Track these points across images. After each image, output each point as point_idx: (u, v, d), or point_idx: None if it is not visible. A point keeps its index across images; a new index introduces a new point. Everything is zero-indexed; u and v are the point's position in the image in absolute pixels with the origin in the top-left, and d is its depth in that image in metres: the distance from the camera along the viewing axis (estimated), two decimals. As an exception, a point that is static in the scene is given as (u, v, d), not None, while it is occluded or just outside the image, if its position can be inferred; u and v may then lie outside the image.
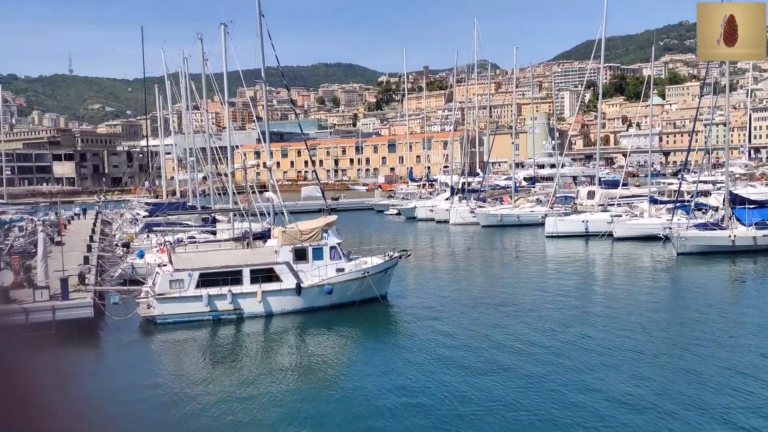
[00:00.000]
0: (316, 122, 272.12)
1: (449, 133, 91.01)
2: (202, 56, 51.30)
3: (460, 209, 67.12)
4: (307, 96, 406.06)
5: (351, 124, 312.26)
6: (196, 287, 27.36)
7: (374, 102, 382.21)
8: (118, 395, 18.79)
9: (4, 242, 40.56)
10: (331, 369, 21.67)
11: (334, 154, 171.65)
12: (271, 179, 40.76)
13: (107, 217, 70.51)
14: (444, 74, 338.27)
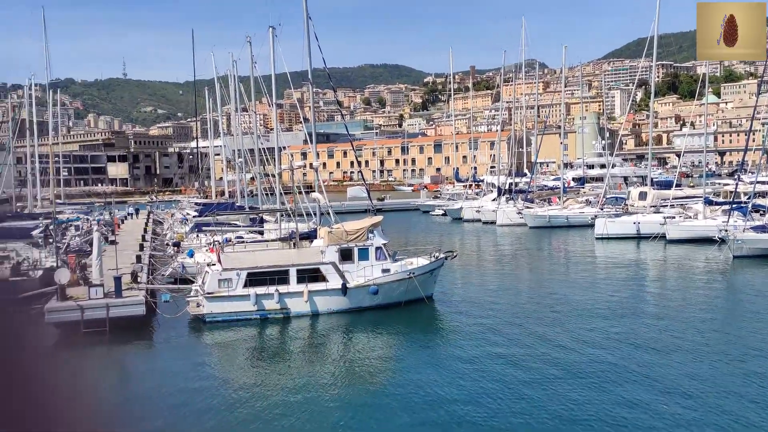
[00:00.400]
0: (362, 123, 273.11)
1: (496, 133, 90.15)
2: (251, 59, 52.08)
3: (507, 210, 66.35)
4: (354, 97, 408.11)
5: (397, 125, 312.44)
6: (244, 286, 27.71)
7: (420, 102, 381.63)
8: (168, 393, 19.16)
9: (61, 241, 41.92)
10: (377, 369, 21.63)
11: (379, 154, 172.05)
12: (318, 180, 41.06)
13: (158, 217, 72.28)
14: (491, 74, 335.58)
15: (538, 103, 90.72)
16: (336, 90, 54.83)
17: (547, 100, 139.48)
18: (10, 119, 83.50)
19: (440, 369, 20.69)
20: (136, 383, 20.70)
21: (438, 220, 77.05)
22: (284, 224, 41.07)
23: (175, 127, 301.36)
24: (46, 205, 69.61)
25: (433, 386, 19.07)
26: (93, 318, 25.34)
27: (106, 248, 32.93)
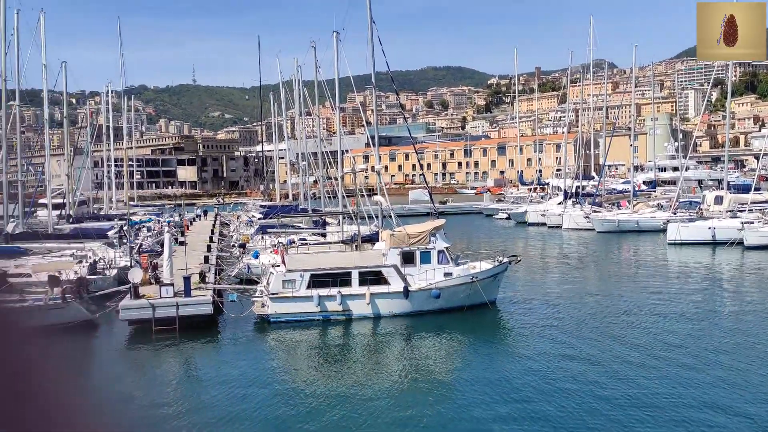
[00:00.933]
0: (424, 126, 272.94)
1: (562, 135, 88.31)
2: (315, 64, 52.84)
3: (573, 214, 64.84)
4: (416, 100, 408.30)
5: (459, 127, 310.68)
6: (307, 288, 28.00)
7: (483, 105, 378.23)
8: (233, 390, 19.52)
9: (134, 241, 43.49)
10: (439, 372, 21.46)
11: (442, 157, 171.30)
12: (380, 183, 41.14)
13: (225, 219, 74.06)
14: (557, 75, 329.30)
15: (607, 104, 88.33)
16: (398, 93, 54.79)
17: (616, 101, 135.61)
18: (88, 124, 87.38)
19: (504, 374, 20.33)
20: (204, 381, 21.17)
21: (501, 224, 76.03)
22: (346, 227, 41.36)
23: (242, 132, 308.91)
24: (120, 206, 72.47)
25: (496, 391, 18.75)
26: (164, 316, 26.16)
27: (176, 249, 33.94)
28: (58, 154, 76.75)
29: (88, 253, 37.15)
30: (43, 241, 38.07)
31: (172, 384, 21.27)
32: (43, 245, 37.27)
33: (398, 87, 53.57)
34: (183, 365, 23.39)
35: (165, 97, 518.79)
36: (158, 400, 19.08)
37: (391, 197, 41.18)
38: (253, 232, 49.26)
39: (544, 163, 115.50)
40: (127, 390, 20.15)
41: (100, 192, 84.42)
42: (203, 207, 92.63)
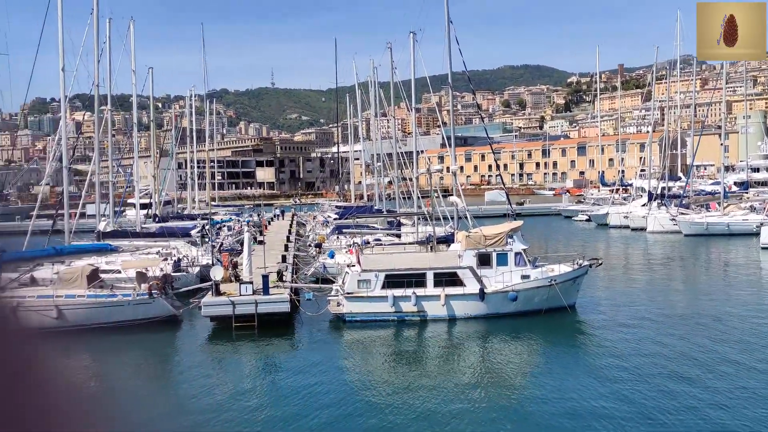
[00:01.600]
0: (500, 126, 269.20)
1: (647, 134, 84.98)
2: (391, 64, 52.91)
3: (658, 216, 62.22)
4: (492, 99, 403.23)
5: (537, 127, 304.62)
6: (382, 288, 28.04)
7: (563, 104, 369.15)
8: (309, 387, 19.74)
9: (215, 240, 44.90)
10: (514, 376, 20.99)
11: (519, 157, 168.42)
12: (456, 183, 40.76)
13: (302, 219, 75.44)
14: (641, 72, 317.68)
15: (695, 102, 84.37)
16: (475, 93, 54.23)
17: (704, 98, 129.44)
18: (173, 128, 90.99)
19: (583, 380, 19.66)
20: (281, 376, 21.53)
21: (581, 226, 73.93)
22: (421, 227, 41.23)
23: (318, 133, 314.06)
24: (202, 206, 75.05)
25: (574, 397, 18.15)
26: (243, 313, 26.83)
27: (255, 248, 34.77)
28: (145, 156, 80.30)
29: (172, 251, 38.63)
30: (131, 239, 39.81)
31: (250, 378, 21.75)
32: (132, 243, 38.96)
33: (475, 86, 53.01)
34: (261, 361, 23.87)
35: (245, 100, 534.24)
36: (237, 393, 19.54)
37: (466, 198, 40.74)
38: (329, 232, 49.87)
39: (627, 164, 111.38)
40: (209, 382, 20.75)
41: (184, 192, 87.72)
42: (281, 207, 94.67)
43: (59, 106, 50.19)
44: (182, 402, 19.01)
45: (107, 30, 44.89)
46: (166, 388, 21.17)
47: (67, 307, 27.41)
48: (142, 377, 22.58)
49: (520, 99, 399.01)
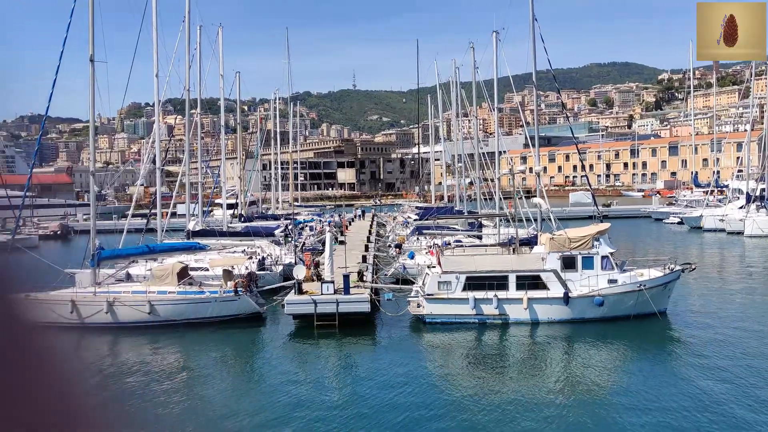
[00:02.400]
0: (586, 125, 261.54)
1: (744, 133, 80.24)
2: (473, 64, 52.50)
3: (758, 219, 58.66)
4: (578, 98, 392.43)
5: (625, 126, 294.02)
6: (463, 290, 27.73)
7: (653, 102, 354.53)
8: (389, 387, 19.74)
9: (298, 240, 45.82)
10: (600, 384, 20.21)
11: (605, 157, 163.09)
12: (539, 184, 39.84)
13: (382, 220, 75.87)
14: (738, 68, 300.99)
15: (798, 97, 78.90)
16: (560, 91, 52.84)
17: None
18: (258, 130, 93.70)
19: (673, 390, 18.70)
20: (361, 375, 21.63)
21: (673, 229, 70.68)
22: (503, 229, 40.58)
23: (398, 134, 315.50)
24: (285, 207, 76.86)
25: (662, 408, 17.28)
26: (325, 312, 27.20)
27: (336, 248, 35.19)
28: (232, 158, 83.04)
29: (257, 249, 39.69)
30: (218, 238, 41.24)
31: (331, 376, 21.98)
32: (219, 242, 40.34)
33: (560, 85, 51.68)
34: (342, 359, 24.09)
35: (327, 102, 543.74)
36: (318, 389, 19.78)
37: (550, 199, 39.79)
38: (409, 233, 49.90)
39: (723, 164, 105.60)
40: (291, 378, 21.12)
41: (268, 193, 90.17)
42: (361, 208, 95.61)
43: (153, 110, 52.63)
44: (264, 396, 19.42)
45: (198, 37, 46.76)
46: (249, 382, 21.69)
47: (159, 302, 28.63)
48: (227, 371, 23.26)
49: (608, 97, 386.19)
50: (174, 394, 20.27)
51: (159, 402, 19.42)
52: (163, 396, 20.04)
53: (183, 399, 19.76)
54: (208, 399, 19.53)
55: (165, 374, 22.76)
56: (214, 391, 20.39)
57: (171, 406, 19.00)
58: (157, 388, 20.88)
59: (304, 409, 18.12)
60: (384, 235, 60.66)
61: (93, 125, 33.45)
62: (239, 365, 24.53)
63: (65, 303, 28.71)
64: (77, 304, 28.73)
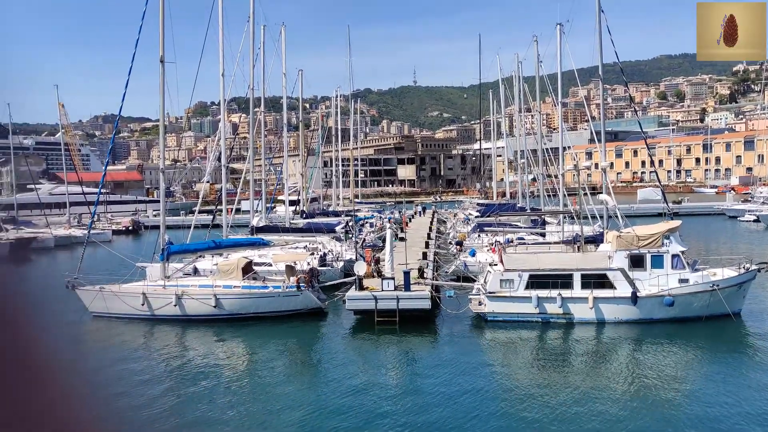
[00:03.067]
0: (655, 119, 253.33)
1: (826, 125, 76.01)
2: (536, 58, 51.49)
3: (841, 217, 55.45)
4: (647, 91, 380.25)
5: (698, 120, 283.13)
6: (526, 288, 27.28)
7: (727, 94, 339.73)
8: (450, 385, 19.61)
9: (358, 236, 46.10)
10: (669, 387, 19.45)
11: (676, 153, 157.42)
12: (605, 180, 38.78)
13: (442, 217, 75.51)
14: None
15: None
16: (628, 85, 51.20)
17: None
18: (319, 127, 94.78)
19: (748, 395, 17.83)
20: (421, 372, 21.57)
21: (749, 228, 67.58)
22: (567, 226, 39.71)
23: (459, 130, 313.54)
24: (346, 203, 77.50)
25: (736, 414, 16.49)
26: (385, 308, 27.26)
27: (396, 244, 35.19)
28: (294, 155, 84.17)
29: (318, 245, 40.15)
30: (281, 234, 41.90)
31: (391, 371, 21.99)
32: (281, 238, 41.00)
33: (627, 78, 50.10)
34: (402, 355, 24.07)
35: (387, 99, 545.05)
36: (378, 383, 19.81)
37: (617, 196, 38.68)
38: (470, 230, 49.46)
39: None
40: (351, 371, 21.25)
41: (329, 190, 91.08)
42: (421, 204, 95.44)
43: (218, 109, 53.94)
44: (325, 389, 19.60)
45: (261, 36, 47.54)
46: (310, 376, 21.94)
47: (224, 296, 29.33)
48: (289, 364, 23.61)
49: (678, 90, 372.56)
50: (237, 386, 20.72)
51: (222, 392, 19.89)
52: (227, 387, 20.51)
53: (246, 391, 20.16)
54: (271, 391, 19.85)
55: (229, 366, 23.30)
56: (276, 383, 20.72)
57: (234, 397, 19.42)
58: (222, 379, 21.38)
59: (364, 404, 18.18)
60: (444, 232, 60.37)
61: (163, 124, 34.55)
62: (301, 359, 24.85)
63: (137, 295, 29.80)
64: (148, 296, 29.76)
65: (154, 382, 21.24)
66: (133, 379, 21.31)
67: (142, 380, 21.24)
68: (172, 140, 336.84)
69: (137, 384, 20.73)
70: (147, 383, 20.93)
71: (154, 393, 19.93)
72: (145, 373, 22.34)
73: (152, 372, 22.57)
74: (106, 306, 30.26)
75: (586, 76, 43.22)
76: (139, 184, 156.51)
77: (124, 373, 22.08)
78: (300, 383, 20.89)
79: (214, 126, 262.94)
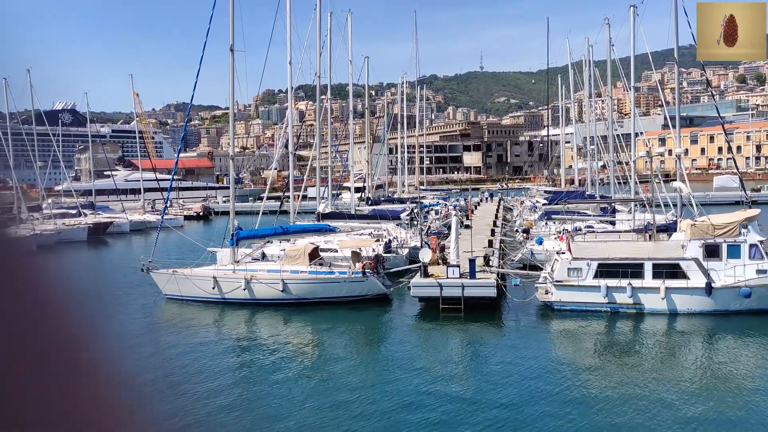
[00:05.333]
0: (734, 104, 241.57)
1: None
2: (608, 41, 50.04)
3: None
4: (725, 75, 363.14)
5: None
6: (594, 277, 26.74)
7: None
8: (517, 374, 19.50)
9: (424, 223, 46.13)
10: (747, 383, 18.73)
11: (755, 138, 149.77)
12: (680, 167, 37.37)
13: (509, 204, 74.58)
14: None
15: None
16: (704, 68, 48.90)
17: None
18: (385, 114, 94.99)
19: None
20: (487, 362, 21.52)
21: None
22: (638, 215, 38.59)
23: (526, 116, 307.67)
24: (411, 190, 77.56)
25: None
26: (450, 295, 27.26)
27: (462, 232, 35.05)
28: (360, 142, 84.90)
29: (383, 232, 40.42)
30: (347, 221, 42.39)
31: (456, 358, 22.03)
32: (347, 224, 41.48)
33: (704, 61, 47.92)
34: (467, 343, 24.04)
35: (453, 85, 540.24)
36: (443, 371, 19.90)
37: (691, 183, 37.25)
38: (537, 217, 48.72)
39: None
40: (418, 359, 21.42)
41: (394, 177, 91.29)
42: (488, 191, 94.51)
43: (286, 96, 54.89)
44: (390, 376, 19.83)
45: (328, 24, 48.01)
46: (376, 362, 22.21)
47: (292, 281, 30.00)
48: (355, 349, 23.97)
49: (759, 73, 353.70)
50: (303, 369, 21.21)
51: (290, 377, 20.41)
52: (295, 372, 21.03)
53: (311, 374, 20.62)
54: (336, 375, 20.23)
55: (296, 350, 23.87)
56: (341, 368, 21.09)
57: (299, 381, 19.91)
58: (290, 364, 21.94)
59: (429, 391, 18.31)
60: (511, 219, 59.64)
61: (232, 112, 35.46)
62: (366, 344, 25.19)
63: (208, 279, 30.85)
64: (218, 280, 30.76)
65: (223, 366, 22.00)
66: (202, 362, 22.13)
67: (212, 364, 22.01)
68: (240, 128, 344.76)
69: (207, 368, 21.51)
70: (216, 368, 21.68)
71: (223, 377, 20.66)
72: (215, 356, 23.15)
73: (220, 355, 23.37)
74: (178, 289, 31.45)
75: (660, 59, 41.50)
76: (209, 170, 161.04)
77: (195, 354, 22.95)
78: (364, 369, 21.18)
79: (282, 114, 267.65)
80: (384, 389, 18.62)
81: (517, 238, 45.11)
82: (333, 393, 18.49)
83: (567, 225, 40.36)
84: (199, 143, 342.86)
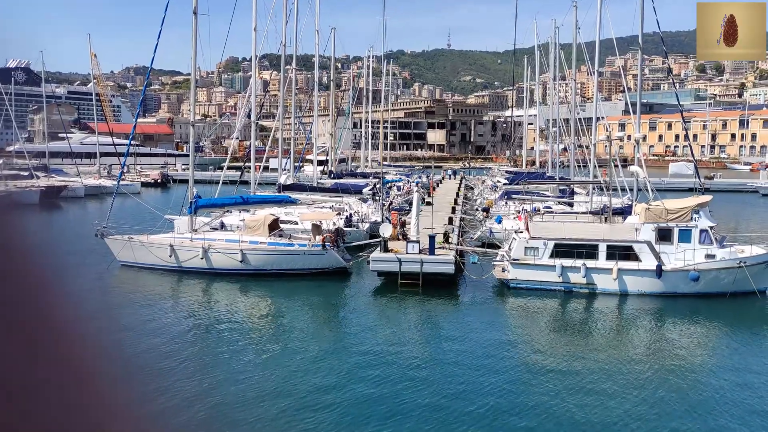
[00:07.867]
0: (692, 92, 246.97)
1: None
2: (575, 24, 50.40)
3: None
4: (685, 64, 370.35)
5: (736, 95, 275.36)
6: (550, 257, 27.24)
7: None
8: (470, 350, 19.82)
9: (385, 199, 46.18)
10: (691, 361, 19.44)
11: (711, 128, 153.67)
12: (638, 152, 38.11)
13: (470, 183, 75.17)
14: None
15: None
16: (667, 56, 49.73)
17: None
18: (350, 88, 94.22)
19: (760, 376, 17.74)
20: (443, 337, 21.81)
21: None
22: (596, 198, 39.32)
23: (491, 96, 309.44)
24: (374, 165, 77.43)
25: (757, 389, 16.45)
26: (409, 271, 27.44)
27: (423, 208, 35.22)
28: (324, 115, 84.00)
29: (345, 206, 40.34)
30: (308, 193, 42.12)
31: (411, 332, 22.25)
32: (308, 197, 41.23)
33: (667, 49, 48.79)
34: (424, 317, 24.31)
35: (420, 62, 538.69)
36: (398, 344, 20.10)
37: (648, 169, 38.06)
38: (498, 197, 49.23)
39: None
40: (374, 332, 21.58)
41: (358, 151, 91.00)
42: (450, 169, 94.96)
43: (249, 64, 53.89)
44: (345, 348, 19.96)
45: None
46: (332, 333, 22.31)
47: (250, 251, 29.77)
48: (311, 321, 24.02)
49: (718, 63, 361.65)
50: (259, 339, 21.19)
51: (245, 347, 20.36)
52: (250, 342, 20.99)
53: (267, 344, 20.61)
54: (292, 347, 20.26)
55: (252, 321, 23.80)
56: (298, 340, 21.13)
57: (256, 353, 19.88)
58: (245, 334, 21.88)
59: (384, 364, 18.49)
60: (471, 198, 60.16)
61: (194, 77, 34.70)
62: (323, 316, 25.24)
63: (165, 247, 30.41)
64: (175, 248, 30.34)
65: (178, 333, 21.80)
66: (158, 330, 21.88)
67: (166, 332, 21.79)
68: (202, 95, 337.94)
69: (161, 335, 21.29)
70: (170, 335, 21.48)
71: (178, 344, 20.48)
72: (169, 324, 22.91)
73: (177, 323, 23.14)
74: (133, 256, 30.93)
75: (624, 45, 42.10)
76: (168, 137, 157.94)
77: (149, 323, 22.68)
78: (321, 342, 21.25)
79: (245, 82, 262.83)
80: (338, 362, 18.73)
81: (477, 217, 45.57)
82: (287, 364, 18.52)
83: (526, 205, 40.91)
84: (159, 109, 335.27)
